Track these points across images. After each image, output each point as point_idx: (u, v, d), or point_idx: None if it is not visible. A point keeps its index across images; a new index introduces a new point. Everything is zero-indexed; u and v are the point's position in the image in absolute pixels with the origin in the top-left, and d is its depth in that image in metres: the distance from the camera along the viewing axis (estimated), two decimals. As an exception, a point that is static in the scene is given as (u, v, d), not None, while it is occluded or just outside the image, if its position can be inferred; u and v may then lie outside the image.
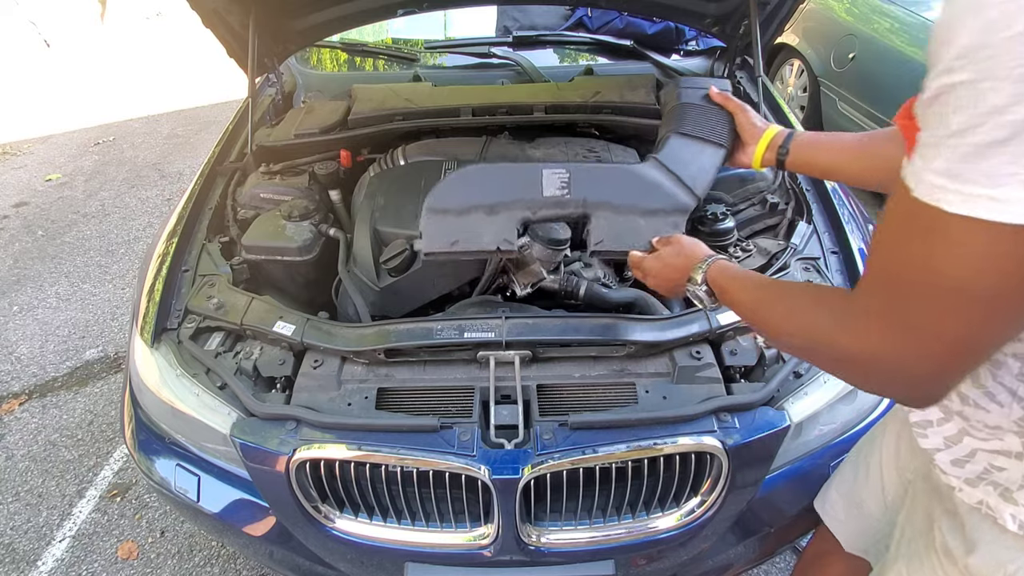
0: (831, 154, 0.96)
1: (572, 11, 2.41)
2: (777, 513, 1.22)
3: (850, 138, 0.94)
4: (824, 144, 0.98)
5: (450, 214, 1.06)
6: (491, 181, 1.07)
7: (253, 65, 1.77)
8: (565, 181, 1.04)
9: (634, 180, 1.05)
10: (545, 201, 1.04)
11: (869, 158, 0.89)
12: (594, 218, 1.06)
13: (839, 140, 0.96)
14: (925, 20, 2.99)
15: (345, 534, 1.14)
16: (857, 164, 0.92)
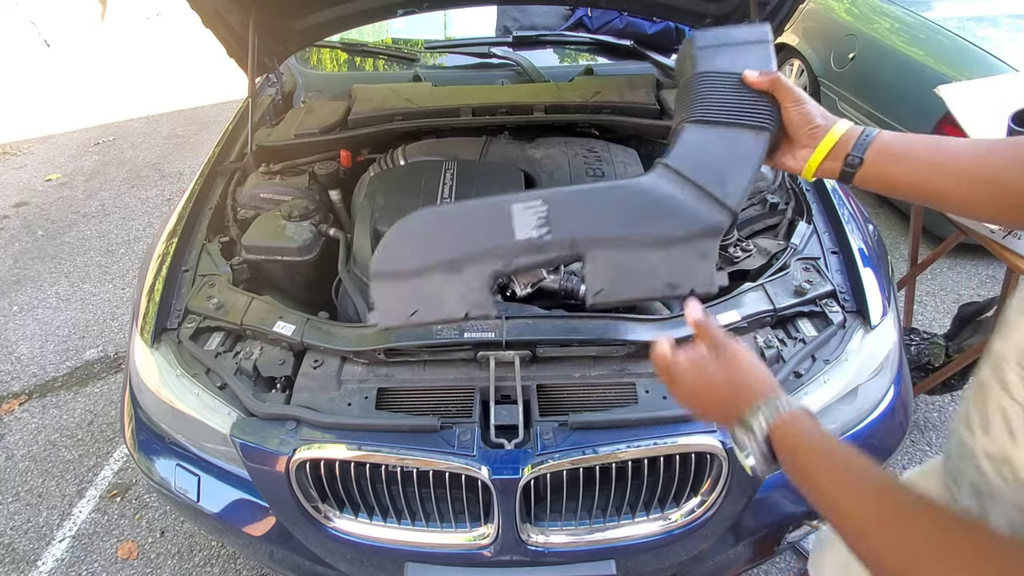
0: (929, 172, 0.66)
1: (572, 11, 2.41)
2: (777, 513, 1.22)
3: (961, 149, 0.66)
4: (918, 155, 0.67)
5: (402, 278, 0.80)
6: (448, 229, 0.80)
7: (253, 65, 1.77)
8: (543, 216, 0.76)
9: (638, 201, 0.76)
10: (520, 247, 0.76)
11: (989, 182, 0.63)
12: (588, 260, 0.77)
13: (942, 150, 0.66)
14: (925, 20, 2.99)
15: (345, 534, 1.14)
16: (968, 188, 0.64)
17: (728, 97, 0.76)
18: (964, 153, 0.65)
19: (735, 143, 0.75)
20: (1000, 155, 0.63)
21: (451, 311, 0.79)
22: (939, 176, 0.66)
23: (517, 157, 1.68)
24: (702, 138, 0.77)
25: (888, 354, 1.21)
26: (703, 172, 0.76)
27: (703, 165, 0.76)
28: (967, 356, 1.87)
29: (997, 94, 1.81)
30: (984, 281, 2.73)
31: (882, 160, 0.69)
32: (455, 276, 0.78)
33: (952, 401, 2.15)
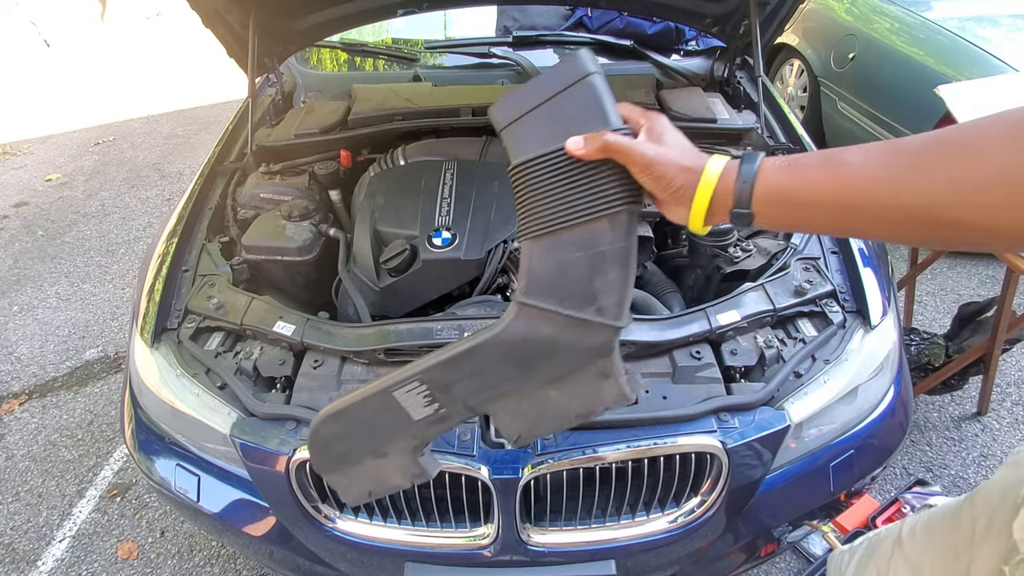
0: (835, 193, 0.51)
1: (572, 11, 2.41)
2: (777, 513, 1.22)
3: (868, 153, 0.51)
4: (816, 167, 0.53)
5: (341, 471, 0.81)
6: (353, 425, 0.77)
7: (253, 65, 1.77)
8: (428, 394, 0.70)
9: (511, 354, 0.66)
10: (423, 424, 0.72)
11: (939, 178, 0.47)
12: (492, 415, 0.73)
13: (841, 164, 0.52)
14: (925, 20, 2.99)
15: (345, 534, 1.15)
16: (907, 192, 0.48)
17: (558, 189, 0.58)
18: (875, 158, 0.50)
19: (589, 246, 0.58)
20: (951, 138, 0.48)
21: (398, 483, 0.80)
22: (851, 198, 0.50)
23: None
24: (547, 256, 0.61)
25: (888, 354, 1.21)
26: (565, 298, 0.61)
27: (562, 289, 0.61)
28: (967, 356, 1.87)
29: (997, 94, 1.81)
30: (984, 281, 2.73)
31: (775, 201, 0.54)
32: (384, 459, 0.77)
33: (952, 401, 2.15)
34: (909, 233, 0.51)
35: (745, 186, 0.54)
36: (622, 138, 0.56)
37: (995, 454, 1.98)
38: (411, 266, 1.35)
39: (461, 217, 1.40)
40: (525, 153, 0.59)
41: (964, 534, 0.92)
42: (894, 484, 1.90)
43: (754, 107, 1.77)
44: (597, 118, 0.57)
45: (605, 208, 0.58)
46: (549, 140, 0.58)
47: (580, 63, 0.58)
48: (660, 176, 0.56)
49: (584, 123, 0.57)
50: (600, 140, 0.56)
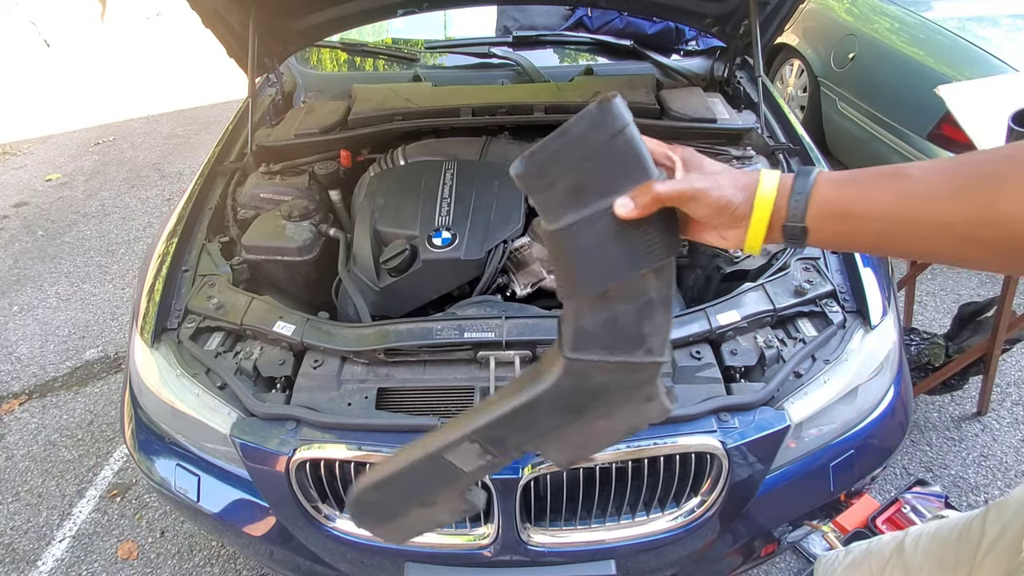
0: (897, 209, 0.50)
1: (572, 11, 2.41)
2: (777, 513, 1.22)
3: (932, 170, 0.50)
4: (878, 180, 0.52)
5: (387, 523, 0.81)
6: (401, 488, 0.75)
7: (253, 65, 1.77)
8: (479, 449, 0.69)
9: (562, 401, 0.65)
10: (474, 473, 0.71)
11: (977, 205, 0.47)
12: (543, 451, 0.75)
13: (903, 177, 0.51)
14: (925, 20, 2.99)
15: (345, 534, 1.15)
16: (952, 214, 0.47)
17: (604, 250, 0.55)
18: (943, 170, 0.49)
19: (638, 297, 0.58)
20: (985, 163, 0.48)
21: (446, 521, 0.80)
22: (914, 211, 0.49)
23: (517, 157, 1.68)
24: (595, 312, 0.60)
25: (888, 354, 1.21)
26: (614, 346, 0.60)
27: (610, 339, 0.60)
28: (967, 356, 1.87)
29: (997, 94, 1.82)
30: (984, 281, 2.73)
31: (831, 215, 0.53)
32: (433, 507, 0.77)
33: (952, 401, 2.15)
34: (972, 250, 0.48)
35: (800, 200, 0.53)
36: (671, 183, 0.53)
37: (995, 454, 1.98)
38: (411, 266, 1.35)
39: (461, 217, 1.40)
40: (563, 217, 0.55)
41: (969, 546, 0.92)
42: (894, 484, 1.90)
43: (754, 107, 1.77)
44: (638, 172, 0.53)
45: (653, 262, 0.56)
46: (588, 200, 0.54)
47: (615, 114, 0.52)
48: (717, 201, 0.54)
49: (624, 179, 0.53)
50: (650, 194, 0.53)
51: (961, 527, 0.96)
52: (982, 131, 1.68)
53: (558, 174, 0.54)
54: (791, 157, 1.64)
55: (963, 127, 1.74)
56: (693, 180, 0.54)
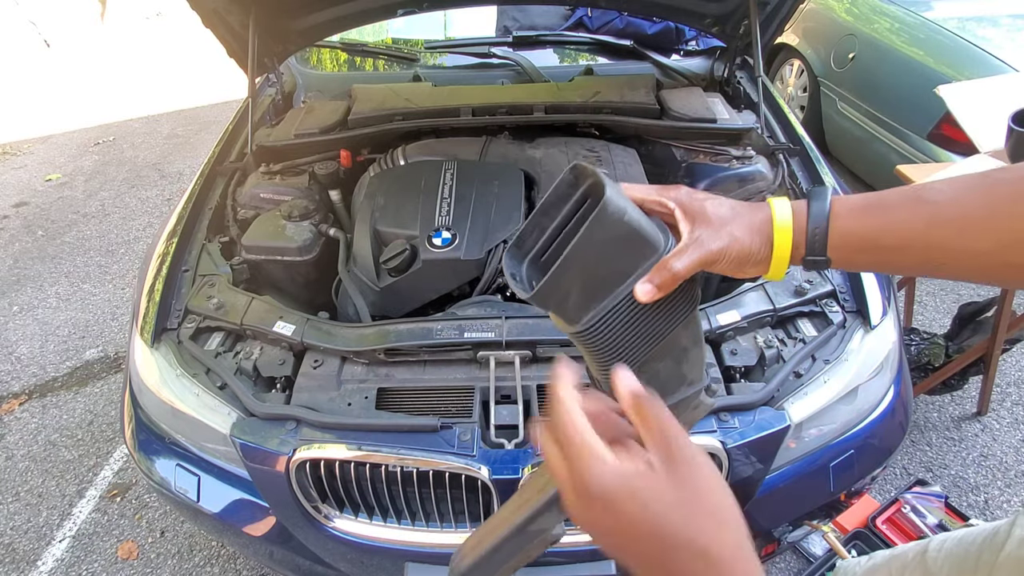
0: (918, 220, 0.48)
1: (572, 11, 2.41)
2: (777, 513, 1.22)
3: (960, 194, 0.47)
4: (902, 207, 0.49)
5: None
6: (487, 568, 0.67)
7: (253, 65, 1.77)
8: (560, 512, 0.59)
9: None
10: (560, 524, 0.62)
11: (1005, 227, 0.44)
12: None
13: (932, 198, 0.48)
14: (925, 20, 2.99)
15: (345, 534, 1.15)
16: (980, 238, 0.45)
17: (631, 329, 0.54)
18: (967, 197, 0.46)
19: (669, 352, 0.57)
20: (1006, 183, 0.45)
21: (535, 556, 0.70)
22: (945, 239, 0.47)
23: (517, 157, 1.68)
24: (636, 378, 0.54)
25: (888, 354, 1.21)
26: (666, 395, 0.57)
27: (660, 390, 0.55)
28: (967, 356, 1.87)
29: (997, 94, 1.82)
30: (984, 281, 2.73)
31: (854, 247, 0.50)
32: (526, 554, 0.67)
33: (952, 401, 2.15)
34: (1011, 273, 0.46)
35: (818, 233, 0.50)
36: (686, 257, 0.50)
37: (995, 454, 1.98)
38: (411, 266, 1.35)
39: (461, 217, 1.40)
40: (583, 318, 0.53)
41: (992, 549, 0.90)
42: (894, 484, 1.90)
43: (754, 107, 1.77)
44: (645, 249, 0.51)
45: (679, 320, 0.55)
46: (604, 294, 0.52)
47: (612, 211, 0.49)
48: (737, 256, 0.51)
49: (633, 260, 0.51)
50: (669, 274, 0.49)
51: (988, 532, 0.95)
52: (982, 131, 1.68)
53: (570, 283, 0.52)
54: (791, 157, 1.64)
55: (963, 127, 1.74)
56: (706, 243, 0.50)
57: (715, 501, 0.36)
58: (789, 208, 0.51)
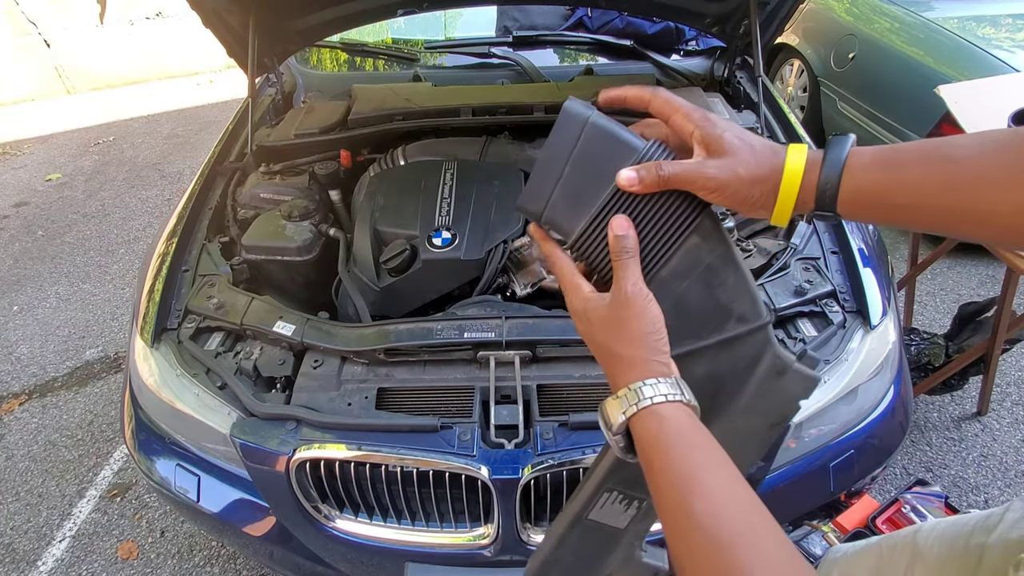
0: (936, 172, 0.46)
1: (572, 11, 2.41)
2: (777, 513, 1.22)
3: (983, 155, 0.45)
4: (920, 163, 0.46)
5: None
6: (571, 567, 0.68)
7: (253, 65, 1.77)
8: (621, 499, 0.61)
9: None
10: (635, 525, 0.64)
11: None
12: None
13: (953, 155, 0.45)
14: (925, 20, 2.99)
15: (345, 534, 1.15)
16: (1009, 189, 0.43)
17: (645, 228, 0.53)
18: (990, 158, 0.44)
19: (692, 268, 0.53)
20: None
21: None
22: (963, 200, 0.44)
23: (517, 157, 1.68)
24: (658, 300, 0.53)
25: (888, 354, 1.21)
26: (700, 330, 0.54)
27: (691, 324, 0.54)
28: (967, 356, 1.87)
29: (997, 94, 1.82)
30: (984, 281, 2.73)
31: (865, 203, 0.49)
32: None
33: (952, 401, 2.15)
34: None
35: (829, 188, 0.48)
36: (681, 167, 0.50)
37: (995, 454, 1.98)
38: (411, 266, 1.35)
39: (461, 217, 1.40)
40: (578, 222, 0.54)
41: (985, 531, 0.90)
42: (894, 484, 1.90)
43: (754, 107, 1.77)
44: (623, 151, 0.53)
45: (685, 226, 0.53)
46: (590, 199, 0.53)
47: (571, 115, 0.53)
48: (733, 196, 0.50)
49: (613, 163, 0.52)
50: (656, 172, 0.50)
51: (981, 517, 0.95)
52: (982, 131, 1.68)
53: (551, 191, 0.54)
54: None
55: (963, 127, 1.74)
56: (707, 169, 0.49)
57: (633, 327, 0.50)
58: (803, 159, 0.49)
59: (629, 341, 0.50)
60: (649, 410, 0.47)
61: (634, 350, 0.50)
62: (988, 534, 0.88)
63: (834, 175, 0.48)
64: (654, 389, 0.48)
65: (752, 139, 0.51)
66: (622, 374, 0.50)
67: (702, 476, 0.44)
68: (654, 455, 0.46)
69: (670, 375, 0.49)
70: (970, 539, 0.91)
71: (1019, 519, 0.85)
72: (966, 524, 0.95)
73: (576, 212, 0.54)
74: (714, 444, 0.46)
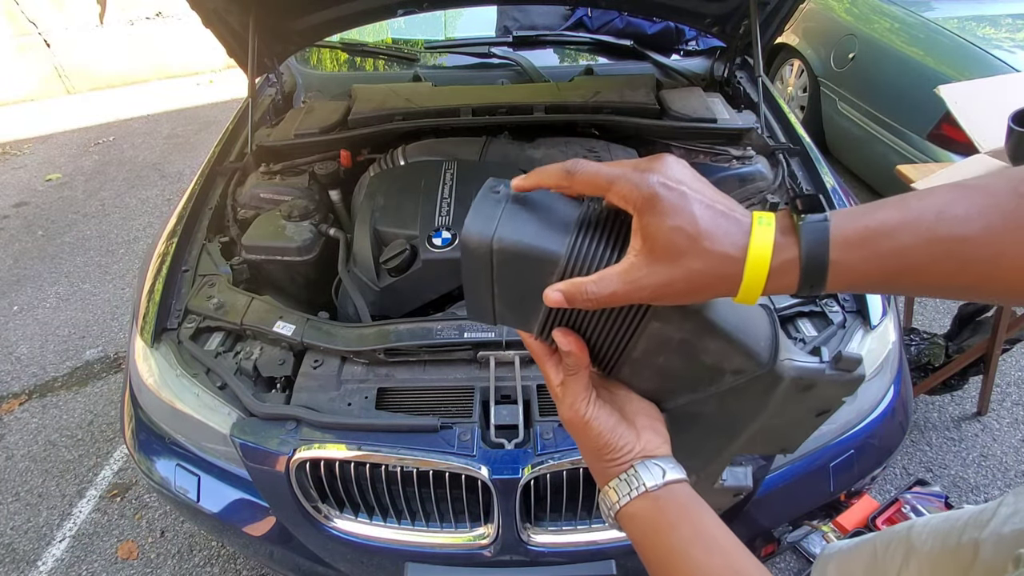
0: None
1: (572, 11, 2.41)
2: (777, 513, 1.22)
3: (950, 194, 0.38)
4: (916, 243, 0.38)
5: None
6: None
7: (253, 65, 1.77)
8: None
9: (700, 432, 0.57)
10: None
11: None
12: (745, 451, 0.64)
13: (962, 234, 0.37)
14: (925, 20, 2.99)
15: (345, 534, 1.14)
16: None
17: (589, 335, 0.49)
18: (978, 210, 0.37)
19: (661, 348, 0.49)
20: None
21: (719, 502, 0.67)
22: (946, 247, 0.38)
23: (517, 157, 1.68)
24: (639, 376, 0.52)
25: (888, 354, 1.21)
26: (694, 386, 0.51)
27: (680, 384, 0.52)
28: (967, 356, 1.87)
29: (997, 94, 1.81)
30: (984, 281, 2.73)
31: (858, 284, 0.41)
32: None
33: (952, 401, 2.15)
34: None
35: (814, 270, 0.39)
36: (609, 286, 0.42)
37: (995, 454, 1.98)
38: (411, 266, 1.35)
39: (461, 217, 1.39)
40: (531, 325, 0.50)
41: (978, 525, 0.90)
42: (894, 484, 1.90)
43: (754, 107, 1.77)
44: (543, 266, 0.45)
45: (637, 320, 0.47)
46: (533, 306, 0.48)
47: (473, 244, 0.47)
48: (680, 299, 0.42)
49: (538, 279, 0.46)
50: (583, 295, 0.43)
51: (975, 511, 0.95)
52: (982, 131, 1.68)
53: (492, 307, 0.50)
54: (791, 157, 1.64)
55: (963, 127, 1.74)
56: (638, 286, 0.41)
57: (585, 445, 0.52)
58: (767, 249, 0.39)
59: (587, 454, 0.53)
60: (622, 513, 0.49)
61: (592, 463, 0.52)
62: (981, 529, 0.88)
63: (820, 257, 0.39)
64: (616, 493, 0.49)
65: (700, 231, 0.39)
66: (597, 479, 0.53)
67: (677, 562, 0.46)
68: (639, 550, 0.49)
69: (626, 472, 0.49)
70: (963, 534, 0.91)
71: (1012, 514, 0.85)
72: (959, 519, 0.95)
73: (525, 316, 0.50)
74: (683, 525, 0.47)
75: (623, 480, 0.49)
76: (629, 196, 0.40)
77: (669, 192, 0.39)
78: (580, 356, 0.49)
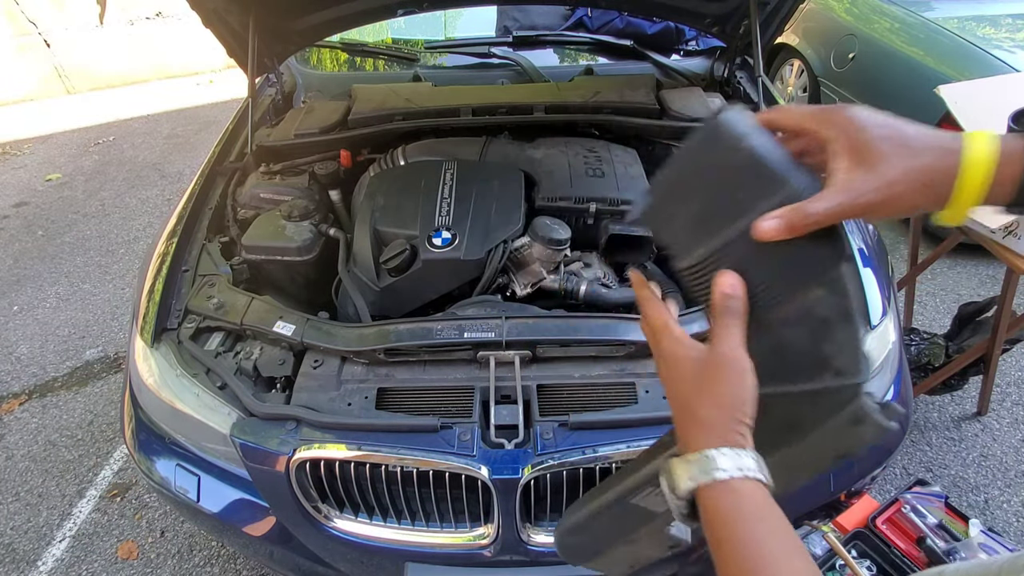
0: None
1: (572, 11, 2.41)
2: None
3: None
4: None
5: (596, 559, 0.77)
6: (594, 534, 0.74)
7: (253, 65, 1.77)
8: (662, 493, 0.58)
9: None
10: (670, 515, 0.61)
11: None
12: None
13: None
14: (925, 20, 2.99)
15: (345, 534, 1.15)
16: None
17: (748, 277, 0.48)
18: None
19: (804, 318, 0.48)
20: None
21: (656, 556, 0.72)
22: None
23: (517, 157, 1.68)
24: (757, 341, 0.50)
25: (888, 354, 1.21)
26: (792, 376, 0.50)
27: (784, 369, 0.50)
28: (967, 356, 1.87)
29: (997, 94, 1.81)
30: (984, 281, 2.73)
31: None
32: (636, 544, 0.71)
33: (952, 401, 2.15)
34: None
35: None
36: (828, 202, 0.43)
37: (995, 454, 1.98)
38: (411, 266, 1.35)
39: (461, 217, 1.40)
40: (694, 252, 0.49)
41: (1013, 570, 0.89)
42: (894, 484, 1.90)
43: (754, 107, 1.77)
44: (772, 185, 0.46)
45: (813, 277, 0.46)
46: (717, 227, 0.48)
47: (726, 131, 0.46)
48: (892, 211, 0.43)
49: (756, 196, 0.46)
50: (803, 220, 0.43)
51: (1012, 557, 0.93)
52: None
53: (678, 207, 0.49)
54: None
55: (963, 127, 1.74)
56: (858, 190, 0.42)
57: (721, 391, 0.47)
58: (988, 154, 0.40)
59: (713, 403, 0.46)
60: (724, 483, 0.44)
61: (716, 414, 0.46)
62: (1017, 574, 0.87)
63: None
64: (732, 461, 0.44)
65: (906, 134, 0.42)
66: (696, 435, 0.46)
67: (776, 566, 0.42)
68: (724, 532, 0.45)
69: (748, 447, 0.45)
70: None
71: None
72: (993, 563, 0.93)
73: (697, 237, 0.49)
74: (788, 529, 0.44)
75: (737, 454, 0.44)
76: (831, 117, 0.44)
77: (873, 113, 0.44)
78: (745, 300, 0.49)
